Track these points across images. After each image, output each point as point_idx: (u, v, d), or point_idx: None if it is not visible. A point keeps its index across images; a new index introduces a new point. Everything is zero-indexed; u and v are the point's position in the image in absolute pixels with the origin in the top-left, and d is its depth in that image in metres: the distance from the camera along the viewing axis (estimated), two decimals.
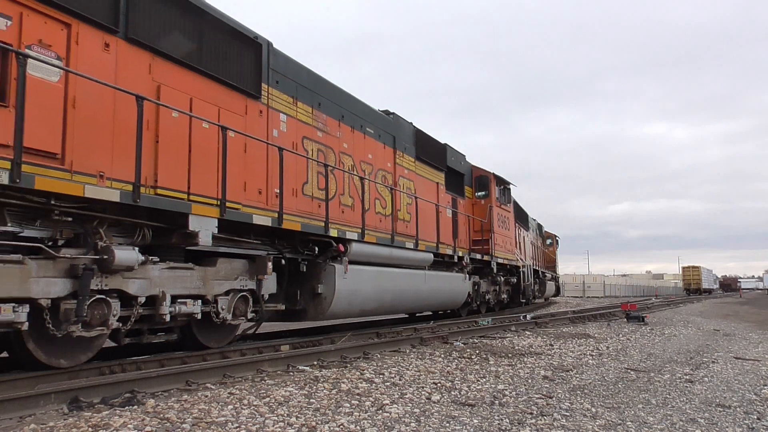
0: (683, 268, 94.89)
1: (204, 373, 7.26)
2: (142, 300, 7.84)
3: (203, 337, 9.39)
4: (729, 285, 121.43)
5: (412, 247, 15.06)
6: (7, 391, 5.94)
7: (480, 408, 6.07)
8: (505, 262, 22.47)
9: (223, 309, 9.21)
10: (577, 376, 8.31)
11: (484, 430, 5.23)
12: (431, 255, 16.02)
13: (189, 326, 9.07)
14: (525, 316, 18.95)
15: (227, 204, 8.85)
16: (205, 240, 8.47)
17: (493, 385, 7.32)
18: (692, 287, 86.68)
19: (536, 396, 6.74)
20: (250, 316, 9.95)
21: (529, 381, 7.76)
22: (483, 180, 21.10)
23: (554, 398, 6.66)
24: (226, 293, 9.35)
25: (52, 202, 6.77)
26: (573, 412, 6.03)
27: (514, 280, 24.16)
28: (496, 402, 6.37)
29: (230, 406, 5.72)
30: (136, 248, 7.66)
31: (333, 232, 11.61)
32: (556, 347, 11.58)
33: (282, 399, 6.12)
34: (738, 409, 6.46)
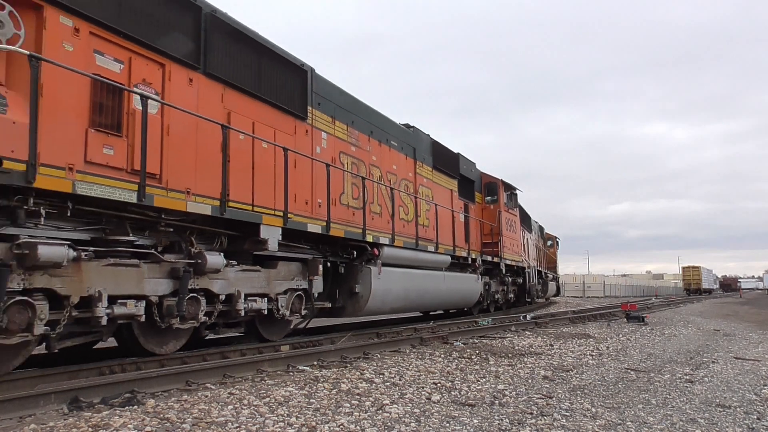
0: (683, 268, 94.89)
1: (204, 373, 7.27)
2: (222, 298, 9.25)
3: (265, 332, 10.79)
4: (729, 285, 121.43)
5: (433, 250, 16.49)
6: (8, 391, 5.94)
7: (480, 408, 6.07)
8: (513, 263, 23.64)
9: (282, 306, 10.62)
10: (577, 376, 8.31)
11: (484, 430, 5.23)
12: (449, 257, 17.36)
13: (253, 321, 10.46)
14: (525, 316, 18.97)
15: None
16: (272, 246, 9.91)
17: (493, 385, 7.32)
18: (692, 287, 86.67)
19: (536, 396, 6.74)
20: (303, 312, 11.35)
21: (529, 381, 7.76)
22: (492, 186, 22.59)
23: (554, 398, 6.66)
24: (285, 292, 10.76)
25: (162, 216, 8.26)
26: (573, 412, 6.03)
27: (520, 280, 25.32)
28: (496, 402, 6.37)
29: (230, 406, 5.72)
30: (221, 254, 9.12)
31: (369, 238, 13.04)
32: (556, 347, 11.58)
33: (282, 399, 6.12)
34: (738, 409, 6.46)
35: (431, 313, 19.50)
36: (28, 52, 6.40)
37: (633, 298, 61.25)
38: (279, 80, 10.91)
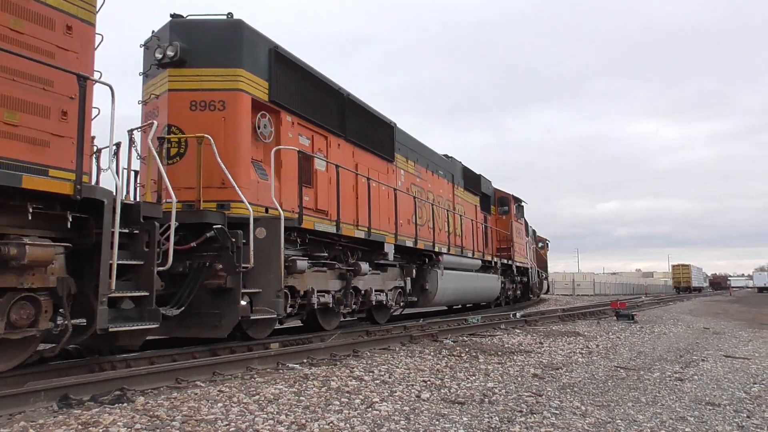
0: (673, 266, 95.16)
1: (194, 370, 7.24)
2: (363, 292, 13.57)
3: (377, 316, 15.10)
4: (719, 283, 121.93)
5: (470, 256, 21.57)
6: None
7: (470, 406, 6.08)
8: (521, 264, 28.91)
9: (390, 299, 15.03)
10: (567, 374, 8.33)
11: (474, 428, 5.24)
12: (480, 261, 22.28)
13: (369, 309, 14.59)
14: (515, 314, 19.05)
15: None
16: (390, 257, 14.67)
17: (482, 383, 7.33)
18: (682, 285, 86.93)
19: (526, 394, 6.76)
20: (401, 303, 15.96)
21: (519, 379, 7.78)
22: (504, 200, 27.72)
23: (544, 396, 6.68)
24: (392, 289, 15.22)
25: (339, 240, 12.68)
26: (563, 410, 6.05)
27: (525, 279, 30.42)
28: (486, 400, 6.38)
29: (220, 404, 5.70)
30: (367, 263, 13.46)
31: (437, 248, 17.64)
32: (545, 345, 11.61)
33: (272, 397, 6.11)
34: (728, 407, 6.49)
35: (452, 306, 24.06)
36: (296, 148, 11.12)
37: (623, 296, 61.50)
38: (378, 135, 15.37)
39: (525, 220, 31.08)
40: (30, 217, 6.36)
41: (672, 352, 11.28)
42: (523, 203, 29.80)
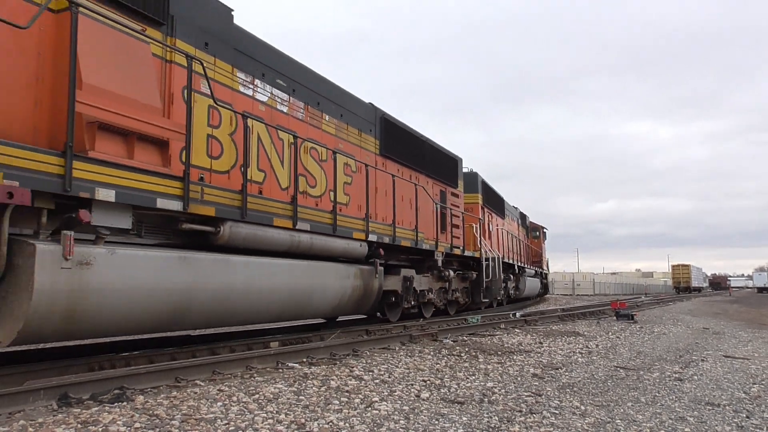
0: (673, 266, 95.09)
1: (193, 369, 7.23)
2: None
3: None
4: (719, 283, 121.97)
5: (530, 266, 34.19)
6: None
7: (469, 405, 6.08)
8: (543, 271, 41.62)
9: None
10: (567, 374, 8.33)
11: (474, 427, 5.24)
12: (534, 270, 35.36)
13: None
14: (515, 314, 19.04)
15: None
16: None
17: (482, 383, 7.33)
18: (682, 285, 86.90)
19: (525, 394, 6.76)
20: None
21: (519, 379, 7.78)
22: (536, 228, 40.28)
23: (543, 396, 6.68)
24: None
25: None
26: (562, 409, 6.05)
27: (545, 281, 43.12)
28: (486, 399, 6.38)
29: (219, 403, 5.70)
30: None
31: (510, 261, 25.73)
32: (545, 345, 11.61)
33: (271, 396, 6.11)
34: (727, 407, 6.49)
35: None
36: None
37: (622, 296, 61.48)
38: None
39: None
40: None
41: (672, 352, 11.28)
42: (545, 229, 41.97)
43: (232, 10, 9.87)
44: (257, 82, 10.51)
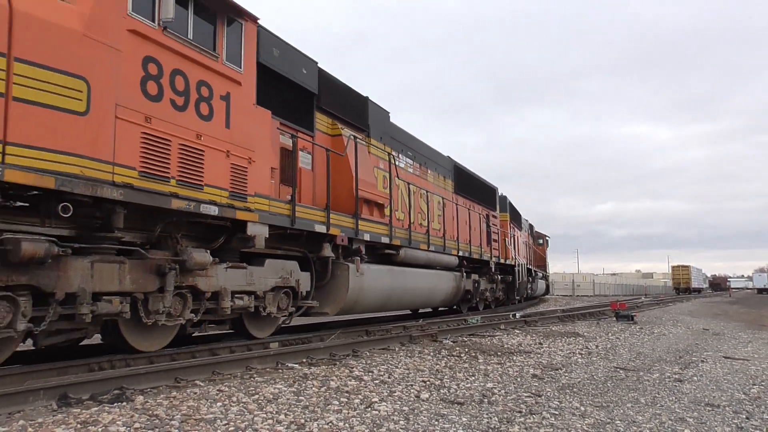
0: (673, 267, 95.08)
1: (193, 369, 7.24)
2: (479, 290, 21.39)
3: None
4: (719, 284, 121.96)
5: (542, 273, 38.91)
6: None
7: (469, 406, 6.08)
8: (547, 273, 45.32)
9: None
10: (567, 374, 8.33)
11: (473, 428, 5.24)
12: (541, 273, 37.19)
13: (477, 301, 21.86)
14: (514, 315, 19.05)
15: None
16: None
17: (482, 384, 7.33)
18: (682, 286, 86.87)
19: (525, 394, 6.76)
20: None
21: (519, 379, 7.78)
22: (540, 237, 43.16)
23: (543, 397, 6.68)
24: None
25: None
26: (562, 410, 6.04)
27: (547, 282, 45.47)
28: (485, 400, 6.38)
29: (219, 403, 5.70)
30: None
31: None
32: (545, 346, 11.60)
33: (271, 396, 6.11)
34: (727, 408, 6.49)
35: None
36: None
37: (622, 296, 61.47)
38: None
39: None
40: None
41: (671, 353, 11.27)
42: (547, 238, 45.61)
43: (389, 113, 16.01)
44: (400, 156, 16.51)
